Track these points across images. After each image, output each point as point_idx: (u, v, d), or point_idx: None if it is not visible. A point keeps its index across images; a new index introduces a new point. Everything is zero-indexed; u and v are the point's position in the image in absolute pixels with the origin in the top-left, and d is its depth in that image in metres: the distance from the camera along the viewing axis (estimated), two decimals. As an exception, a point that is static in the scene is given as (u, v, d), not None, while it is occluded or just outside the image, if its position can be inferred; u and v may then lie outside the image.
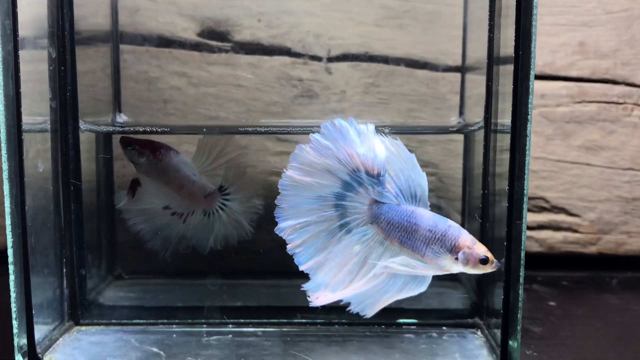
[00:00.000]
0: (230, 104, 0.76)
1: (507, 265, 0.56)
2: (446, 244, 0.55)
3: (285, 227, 0.58)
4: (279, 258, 0.72)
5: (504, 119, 0.59)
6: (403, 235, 0.56)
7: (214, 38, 0.75)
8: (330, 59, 0.76)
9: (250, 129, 0.72)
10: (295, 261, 0.59)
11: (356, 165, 0.56)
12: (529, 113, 0.54)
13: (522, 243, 0.55)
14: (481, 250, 0.55)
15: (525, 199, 0.55)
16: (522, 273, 0.55)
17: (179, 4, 0.75)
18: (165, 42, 0.74)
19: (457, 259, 0.55)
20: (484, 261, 0.55)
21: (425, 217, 0.56)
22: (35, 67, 0.60)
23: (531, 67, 0.53)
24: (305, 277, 0.59)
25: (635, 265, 0.94)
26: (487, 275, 0.64)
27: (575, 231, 0.94)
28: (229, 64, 0.75)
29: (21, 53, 0.54)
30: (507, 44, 0.58)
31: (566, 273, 0.93)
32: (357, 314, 0.62)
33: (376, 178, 0.56)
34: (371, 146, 0.56)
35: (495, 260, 0.55)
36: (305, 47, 0.75)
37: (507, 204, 0.56)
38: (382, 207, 0.57)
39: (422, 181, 0.57)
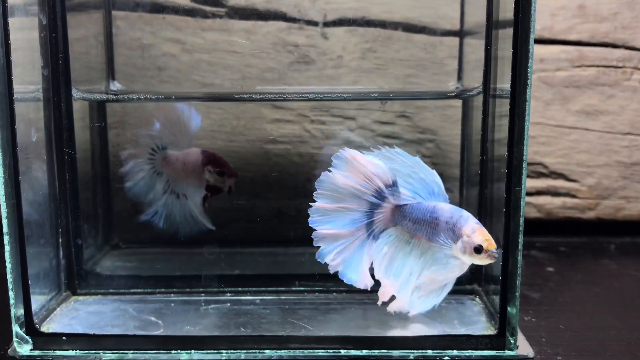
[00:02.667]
0: (225, 71, 0.75)
1: (506, 232, 0.56)
2: (455, 233, 0.56)
3: (325, 253, 0.59)
4: (276, 226, 0.72)
5: (503, 83, 0.58)
6: (429, 231, 0.58)
7: (208, 3, 0.74)
8: (327, 24, 0.75)
9: (245, 96, 0.71)
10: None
11: (377, 185, 0.58)
12: (529, 77, 0.53)
13: (521, 209, 0.55)
14: (477, 239, 0.56)
15: (525, 164, 0.54)
16: (521, 239, 0.55)
17: (172, -32, 0.73)
18: (159, 7, 0.72)
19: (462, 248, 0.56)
20: (477, 250, 0.55)
21: (445, 210, 0.57)
22: (25, 34, 0.59)
23: (531, 30, 0.52)
24: (301, 244, 0.60)
25: (634, 230, 0.94)
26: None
27: (574, 196, 0.93)
28: (223, 30, 0.74)
29: (11, 20, 0.53)
30: (506, 7, 0.57)
31: (564, 239, 0.93)
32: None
33: (393, 186, 0.58)
34: (376, 162, 0.58)
35: (491, 250, 0.55)
36: (301, 12, 0.74)
37: (505, 170, 0.55)
38: (404, 208, 0.58)
39: (435, 177, 0.59)
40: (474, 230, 0.56)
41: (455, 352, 0.56)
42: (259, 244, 0.72)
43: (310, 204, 0.58)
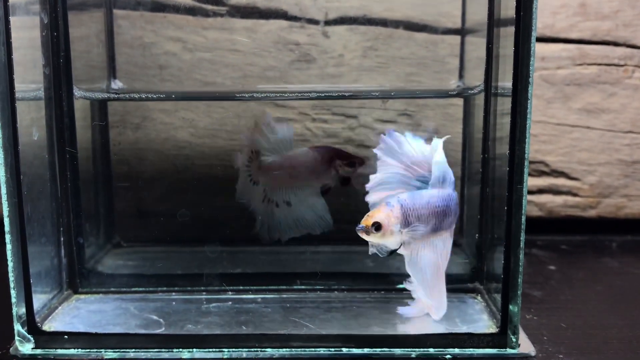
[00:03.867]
0: (226, 70, 0.75)
1: (508, 230, 0.56)
2: None
3: None
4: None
5: (505, 82, 0.58)
6: None
7: (209, 1, 0.74)
8: (328, 22, 0.75)
9: (247, 95, 0.71)
10: None
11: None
12: (530, 76, 0.53)
13: (523, 207, 0.55)
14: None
15: (526, 163, 0.54)
16: (522, 238, 0.55)
17: (173, -33, 0.73)
18: (160, 6, 0.72)
19: None
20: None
21: None
22: (27, 33, 0.59)
23: (533, 28, 0.52)
24: (302, 242, 0.60)
25: (635, 228, 0.94)
26: (487, 240, 0.64)
27: (575, 195, 0.93)
28: (224, 29, 0.74)
29: (12, 19, 0.53)
30: (507, 5, 0.57)
31: (566, 237, 0.93)
32: (355, 280, 0.63)
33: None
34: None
35: (359, 224, 0.55)
36: (302, 10, 0.74)
37: (507, 168, 0.55)
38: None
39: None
40: (376, 210, 0.56)
41: (457, 351, 0.56)
42: (260, 243, 0.72)
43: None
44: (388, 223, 0.55)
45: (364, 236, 0.55)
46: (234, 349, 0.56)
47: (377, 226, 0.55)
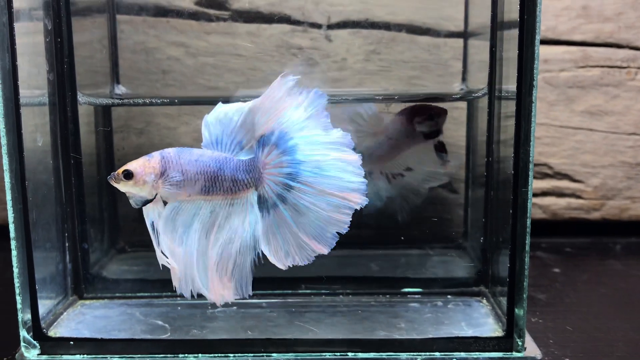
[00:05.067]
0: (229, 74, 0.75)
1: (513, 233, 0.56)
2: None
3: None
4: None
5: (509, 85, 0.58)
6: None
7: (212, 6, 0.74)
8: (331, 26, 0.75)
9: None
10: None
11: None
12: (535, 79, 0.53)
13: (528, 210, 0.55)
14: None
15: (531, 166, 0.54)
16: (527, 241, 0.55)
17: (176, -28, 0.73)
18: (163, 11, 0.72)
19: None
20: None
21: None
22: (31, 39, 0.59)
23: (537, 31, 0.52)
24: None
25: (639, 230, 0.94)
26: (492, 243, 0.64)
27: (579, 197, 0.93)
28: (227, 33, 0.74)
29: (16, 25, 0.53)
30: (511, 8, 0.57)
31: (570, 239, 0.93)
32: (360, 284, 0.62)
33: None
34: None
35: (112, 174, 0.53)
36: (305, 15, 0.74)
37: (511, 171, 0.55)
38: None
39: None
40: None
41: (462, 354, 0.56)
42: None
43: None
44: (142, 172, 0.53)
45: (113, 183, 0.53)
46: (239, 354, 0.56)
47: (128, 174, 0.53)
